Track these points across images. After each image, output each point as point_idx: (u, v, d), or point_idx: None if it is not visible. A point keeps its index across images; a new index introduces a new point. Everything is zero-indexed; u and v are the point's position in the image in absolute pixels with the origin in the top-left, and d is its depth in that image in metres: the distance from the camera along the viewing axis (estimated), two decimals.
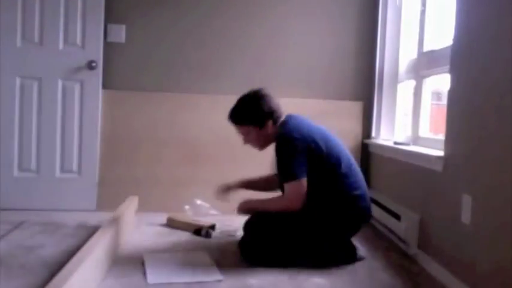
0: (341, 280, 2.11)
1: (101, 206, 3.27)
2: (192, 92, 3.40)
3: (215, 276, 2.08)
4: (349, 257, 2.33)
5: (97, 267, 1.91)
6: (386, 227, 2.81)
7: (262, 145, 2.50)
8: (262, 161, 3.37)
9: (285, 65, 3.46)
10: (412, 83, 3.03)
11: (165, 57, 3.40)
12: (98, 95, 3.25)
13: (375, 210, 2.99)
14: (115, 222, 2.31)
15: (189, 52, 3.41)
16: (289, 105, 3.40)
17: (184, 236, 2.73)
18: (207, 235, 2.69)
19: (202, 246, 2.53)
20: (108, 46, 3.32)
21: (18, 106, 3.21)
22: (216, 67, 3.42)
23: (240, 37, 3.44)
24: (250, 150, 3.36)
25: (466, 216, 1.98)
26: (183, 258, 2.33)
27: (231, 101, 3.41)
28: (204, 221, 2.86)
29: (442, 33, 2.69)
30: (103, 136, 3.30)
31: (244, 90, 3.45)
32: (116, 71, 3.35)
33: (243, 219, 3.04)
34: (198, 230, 2.74)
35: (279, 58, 3.46)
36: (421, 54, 2.89)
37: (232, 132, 3.39)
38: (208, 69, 3.42)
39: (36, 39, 3.20)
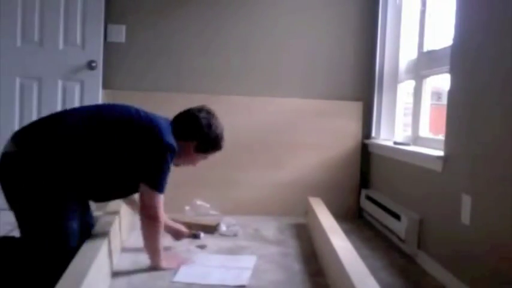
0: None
1: (100, 205, 3.25)
2: (193, 92, 3.39)
3: (240, 281, 2.03)
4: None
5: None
6: (386, 227, 2.81)
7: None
8: (263, 162, 3.38)
9: (285, 65, 3.46)
10: (412, 83, 3.03)
11: (165, 57, 3.40)
12: (98, 95, 3.25)
13: (375, 211, 3.00)
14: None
15: (189, 52, 3.40)
16: (289, 105, 3.42)
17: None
18: (195, 236, 2.67)
19: (203, 246, 2.53)
20: (108, 46, 3.31)
21: (18, 106, 3.21)
22: (216, 67, 3.42)
23: (240, 37, 3.43)
24: (251, 152, 3.38)
25: (465, 216, 1.98)
26: (227, 260, 2.31)
27: (231, 101, 3.42)
28: (207, 220, 2.85)
29: (442, 33, 2.69)
30: None
31: (244, 90, 3.47)
32: (116, 71, 3.35)
33: (243, 219, 3.05)
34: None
35: (280, 58, 3.45)
36: (421, 54, 2.89)
37: (232, 133, 3.40)
38: (208, 70, 3.42)
39: (36, 39, 3.20)
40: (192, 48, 3.41)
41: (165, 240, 2.63)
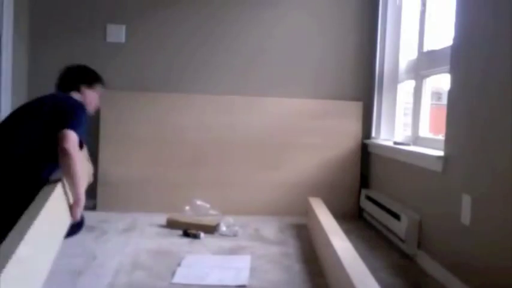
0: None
1: (101, 206, 3.26)
2: (192, 92, 3.40)
3: (240, 281, 2.03)
4: None
5: None
6: (386, 227, 2.81)
7: None
8: (264, 162, 3.38)
9: (285, 65, 3.46)
10: (412, 83, 3.03)
11: (165, 57, 3.40)
12: None
13: (375, 211, 3.00)
14: None
15: (189, 52, 3.41)
16: (289, 105, 3.42)
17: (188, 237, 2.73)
18: (195, 236, 2.68)
19: (203, 245, 2.53)
20: (108, 46, 3.32)
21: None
22: (216, 67, 3.43)
23: (240, 37, 3.44)
24: (250, 151, 3.38)
25: (465, 217, 1.98)
26: (222, 260, 2.32)
27: (231, 101, 3.42)
28: (207, 220, 2.86)
29: (442, 33, 2.69)
30: (103, 136, 3.30)
31: (244, 90, 3.47)
32: (116, 71, 3.35)
33: (243, 219, 3.05)
34: (186, 231, 2.73)
35: (280, 58, 3.46)
36: (421, 54, 2.89)
37: (232, 132, 3.40)
38: (208, 70, 3.42)
39: None
40: (192, 48, 3.41)
41: (163, 241, 2.64)
